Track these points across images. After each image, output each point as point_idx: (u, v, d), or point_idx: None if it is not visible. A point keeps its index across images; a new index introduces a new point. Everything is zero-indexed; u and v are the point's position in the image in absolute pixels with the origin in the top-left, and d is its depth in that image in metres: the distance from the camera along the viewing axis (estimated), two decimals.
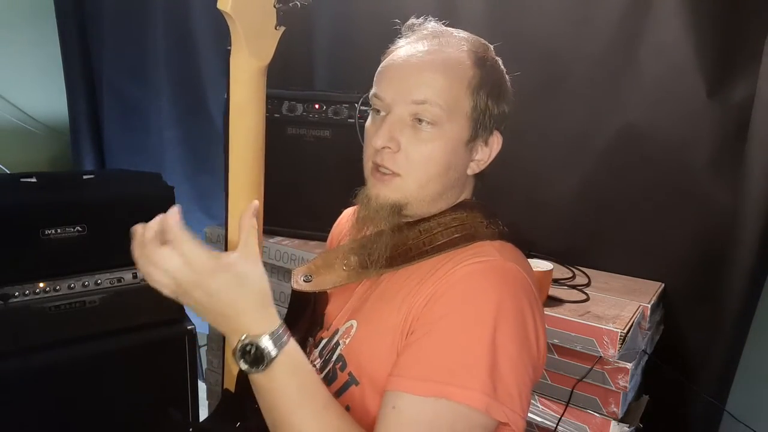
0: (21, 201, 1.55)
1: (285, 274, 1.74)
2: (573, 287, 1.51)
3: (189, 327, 1.76)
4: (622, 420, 1.31)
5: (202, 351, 2.15)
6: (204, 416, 1.26)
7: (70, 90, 2.63)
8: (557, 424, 1.34)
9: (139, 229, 0.69)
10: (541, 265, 1.38)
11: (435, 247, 0.82)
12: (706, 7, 1.42)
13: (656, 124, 1.53)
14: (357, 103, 1.67)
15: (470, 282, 0.75)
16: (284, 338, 0.70)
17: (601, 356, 1.28)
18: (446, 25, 0.88)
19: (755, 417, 1.50)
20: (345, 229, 1.04)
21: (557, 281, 1.52)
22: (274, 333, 0.69)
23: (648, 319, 1.42)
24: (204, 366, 2.20)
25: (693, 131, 1.49)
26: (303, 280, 0.91)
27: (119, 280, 1.66)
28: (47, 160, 2.68)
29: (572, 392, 1.32)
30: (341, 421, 0.71)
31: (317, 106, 1.73)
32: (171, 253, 0.66)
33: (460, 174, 0.85)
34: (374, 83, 0.85)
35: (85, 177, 1.73)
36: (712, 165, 1.48)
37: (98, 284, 1.63)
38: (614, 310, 1.36)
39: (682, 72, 1.47)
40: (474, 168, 0.86)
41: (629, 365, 1.27)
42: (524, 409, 0.73)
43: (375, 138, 0.80)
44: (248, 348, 0.68)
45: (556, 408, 1.35)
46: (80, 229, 1.58)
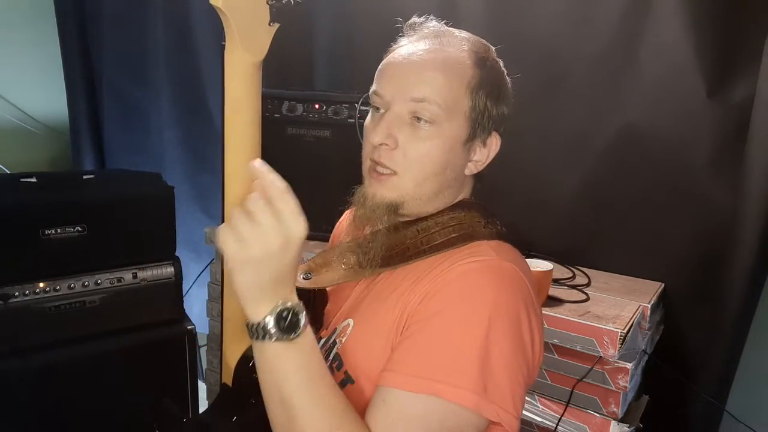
0: (21, 201, 1.55)
1: None
2: (573, 287, 1.51)
3: (189, 327, 1.76)
4: (622, 420, 1.31)
5: (202, 351, 2.15)
6: None
7: (70, 90, 2.63)
8: (557, 424, 1.34)
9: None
10: (541, 265, 1.38)
11: (432, 247, 0.82)
12: (706, 7, 1.43)
13: (656, 124, 1.53)
14: (357, 103, 1.67)
15: (466, 280, 0.75)
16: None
17: (601, 356, 1.28)
18: (447, 26, 0.88)
19: (755, 417, 1.50)
20: (345, 229, 1.05)
21: (557, 281, 1.52)
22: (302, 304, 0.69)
23: (648, 319, 1.42)
24: (204, 366, 2.20)
25: (693, 131, 1.49)
26: (302, 278, 0.91)
27: (119, 280, 1.66)
28: (47, 160, 2.68)
29: (572, 392, 1.33)
30: (346, 404, 0.71)
31: (317, 106, 1.73)
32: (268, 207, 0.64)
33: (458, 174, 0.85)
34: (375, 80, 0.85)
35: (85, 177, 1.73)
36: (712, 165, 1.49)
37: (98, 284, 1.63)
38: (614, 310, 1.36)
39: (682, 72, 1.47)
40: (472, 168, 0.86)
41: (629, 365, 1.27)
42: (517, 409, 0.72)
43: (373, 134, 0.80)
44: (285, 314, 0.66)
45: (556, 408, 1.35)
46: (80, 229, 1.58)
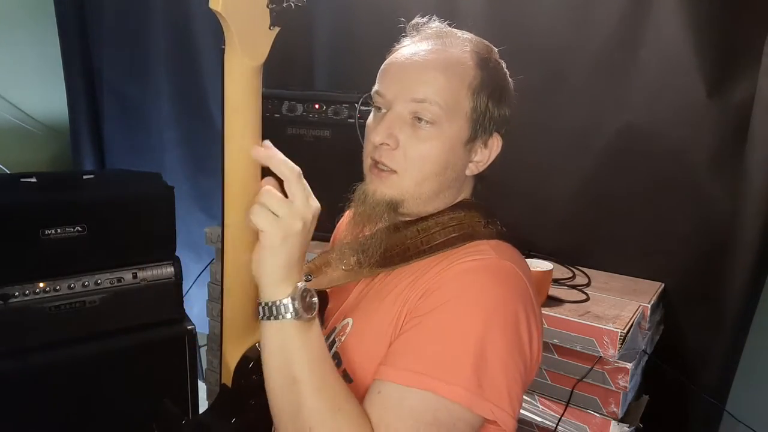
0: (21, 201, 1.55)
1: None
2: (573, 287, 1.51)
3: (189, 327, 1.76)
4: (622, 420, 1.31)
5: (202, 351, 2.15)
6: None
7: (70, 90, 2.63)
8: (557, 424, 1.34)
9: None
10: (541, 265, 1.38)
11: (432, 247, 0.82)
12: (706, 7, 1.42)
13: (656, 124, 1.53)
14: (357, 103, 1.67)
15: (465, 279, 0.75)
16: None
17: (601, 356, 1.28)
18: (450, 26, 0.88)
19: (755, 417, 1.50)
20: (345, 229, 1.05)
21: (557, 281, 1.52)
22: None
23: (648, 319, 1.42)
24: (204, 366, 2.20)
25: (693, 131, 1.49)
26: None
27: (119, 280, 1.66)
28: (47, 160, 2.67)
29: (572, 392, 1.33)
30: (348, 389, 0.72)
31: (317, 106, 1.73)
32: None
33: (458, 174, 0.85)
34: (377, 80, 0.85)
35: (85, 177, 1.73)
36: (712, 165, 1.48)
37: (98, 284, 1.63)
38: (614, 310, 1.36)
39: (682, 72, 1.47)
40: (473, 169, 0.86)
41: (629, 365, 1.27)
42: (514, 408, 0.72)
43: (374, 134, 0.80)
44: (305, 294, 0.69)
45: (556, 408, 1.35)
46: (80, 229, 1.58)
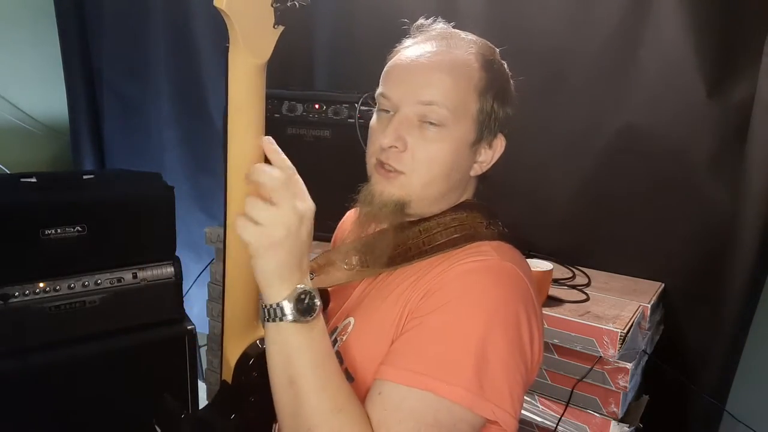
0: (21, 201, 1.55)
1: None
2: (573, 287, 1.51)
3: (189, 327, 1.76)
4: (622, 420, 1.31)
5: (202, 351, 2.15)
6: None
7: (70, 90, 2.62)
8: (557, 424, 1.34)
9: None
10: (541, 265, 1.38)
11: (434, 247, 0.82)
12: (706, 7, 1.43)
13: (656, 124, 1.53)
14: (357, 103, 1.67)
15: (466, 279, 0.75)
16: None
17: (601, 356, 1.28)
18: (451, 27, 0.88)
19: (755, 417, 1.50)
20: (348, 229, 1.05)
21: (557, 281, 1.52)
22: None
23: (648, 319, 1.42)
24: (204, 366, 2.20)
25: (693, 131, 1.49)
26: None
27: (119, 280, 1.66)
28: (47, 160, 2.67)
29: (572, 392, 1.33)
30: (350, 390, 0.72)
31: (317, 106, 1.73)
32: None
33: (463, 175, 0.85)
34: (381, 82, 0.85)
35: (85, 177, 1.72)
36: (712, 165, 1.49)
37: (98, 284, 1.63)
38: (614, 310, 1.36)
39: (682, 72, 1.47)
40: (477, 169, 0.87)
41: (629, 365, 1.27)
42: (515, 408, 0.72)
43: (382, 137, 0.80)
44: (303, 296, 0.69)
45: (556, 408, 1.35)
46: (80, 229, 1.58)
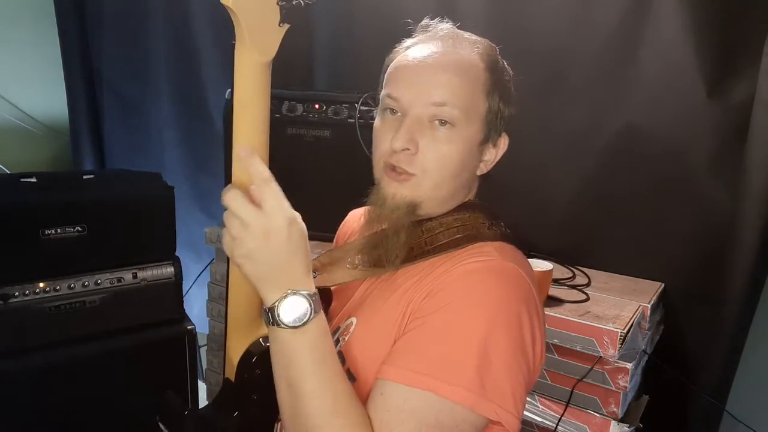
0: (21, 201, 1.55)
1: None
2: (573, 287, 1.51)
3: (189, 327, 1.76)
4: (622, 420, 1.31)
5: (202, 351, 2.15)
6: None
7: (70, 90, 2.62)
8: (557, 424, 1.34)
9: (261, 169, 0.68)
10: (541, 265, 1.38)
11: (437, 247, 0.82)
12: (706, 7, 1.42)
13: (656, 124, 1.53)
14: (357, 103, 1.67)
15: (468, 280, 0.75)
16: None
17: (601, 356, 1.28)
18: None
19: (755, 417, 1.50)
20: (351, 230, 1.05)
21: (557, 281, 1.52)
22: (317, 292, 0.71)
23: (648, 319, 1.42)
24: (204, 366, 2.20)
25: (693, 131, 1.49)
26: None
27: (119, 280, 1.66)
28: (47, 160, 2.67)
29: (572, 392, 1.33)
30: (351, 392, 0.72)
31: (317, 106, 1.73)
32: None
33: (471, 175, 0.86)
34: (386, 83, 0.84)
35: (85, 177, 1.72)
36: (712, 165, 1.49)
37: (98, 284, 1.63)
38: (614, 310, 1.36)
39: (682, 72, 1.47)
40: (482, 169, 0.87)
41: (629, 365, 1.27)
42: (518, 409, 0.72)
43: (394, 140, 0.79)
44: (291, 302, 0.68)
45: (556, 408, 1.35)
46: (80, 229, 1.58)
